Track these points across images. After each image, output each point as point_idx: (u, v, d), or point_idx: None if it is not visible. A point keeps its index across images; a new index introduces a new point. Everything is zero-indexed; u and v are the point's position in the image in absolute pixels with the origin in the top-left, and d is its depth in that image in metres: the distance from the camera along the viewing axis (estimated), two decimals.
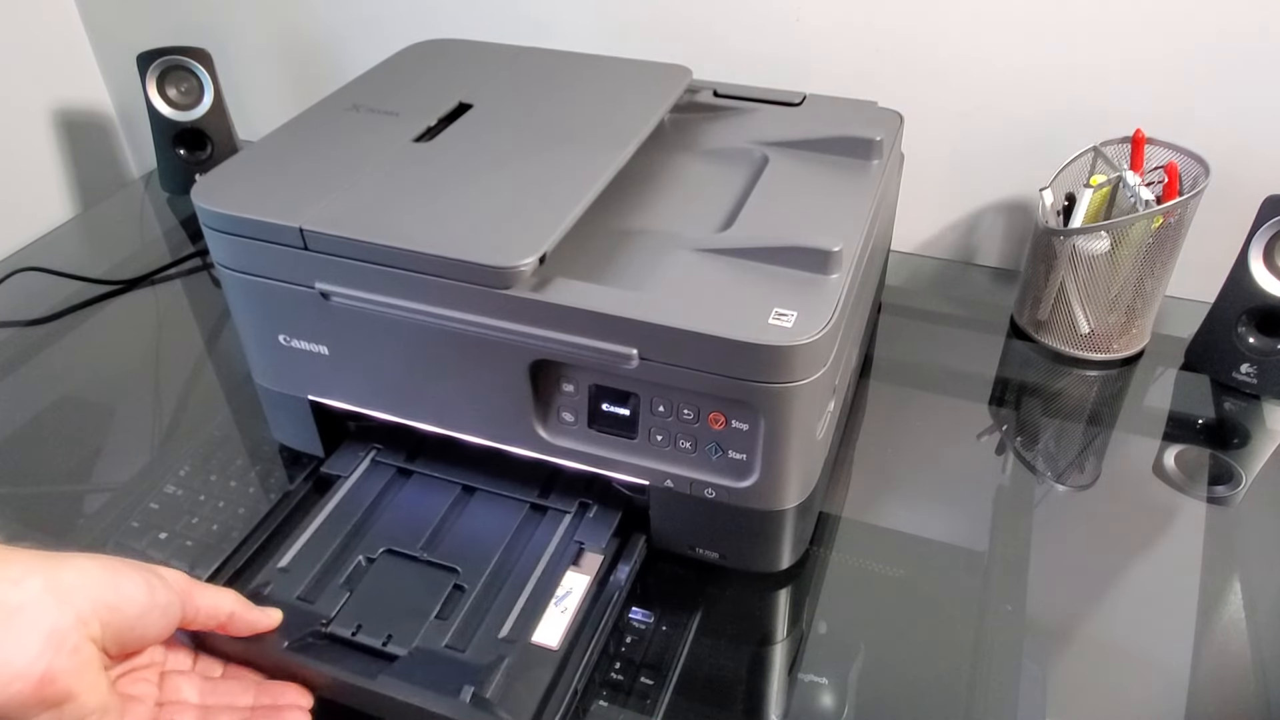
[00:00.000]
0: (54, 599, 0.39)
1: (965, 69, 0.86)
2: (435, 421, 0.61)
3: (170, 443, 0.75)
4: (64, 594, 0.40)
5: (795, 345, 0.49)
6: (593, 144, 0.61)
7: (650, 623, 0.60)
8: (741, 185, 0.65)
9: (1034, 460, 0.73)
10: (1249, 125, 0.81)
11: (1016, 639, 0.59)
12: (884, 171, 0.66)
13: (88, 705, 0.40)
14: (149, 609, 0.43)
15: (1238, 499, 0.70)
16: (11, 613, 0.38)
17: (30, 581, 0.39)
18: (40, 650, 0.38)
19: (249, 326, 0.63)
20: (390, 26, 1.03)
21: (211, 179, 0.59)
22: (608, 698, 0.55)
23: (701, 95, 0.78)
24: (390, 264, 0.53)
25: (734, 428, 0.54)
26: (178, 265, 0.96)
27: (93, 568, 0.42)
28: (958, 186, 0.93)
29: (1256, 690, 0.57)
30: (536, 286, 0.52)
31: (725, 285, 0.53)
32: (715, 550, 0.61)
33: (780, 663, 0.58)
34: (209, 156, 1.05)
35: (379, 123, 0.65)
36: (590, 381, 0.56)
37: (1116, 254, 0.75)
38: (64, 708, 0.39)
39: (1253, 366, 0.78)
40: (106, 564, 0.42)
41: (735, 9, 0.90)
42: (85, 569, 0.41)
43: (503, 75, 0.73)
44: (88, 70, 1.17)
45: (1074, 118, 0.85)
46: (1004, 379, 0.82)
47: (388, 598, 0.56)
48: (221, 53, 1.03)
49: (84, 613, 0.40)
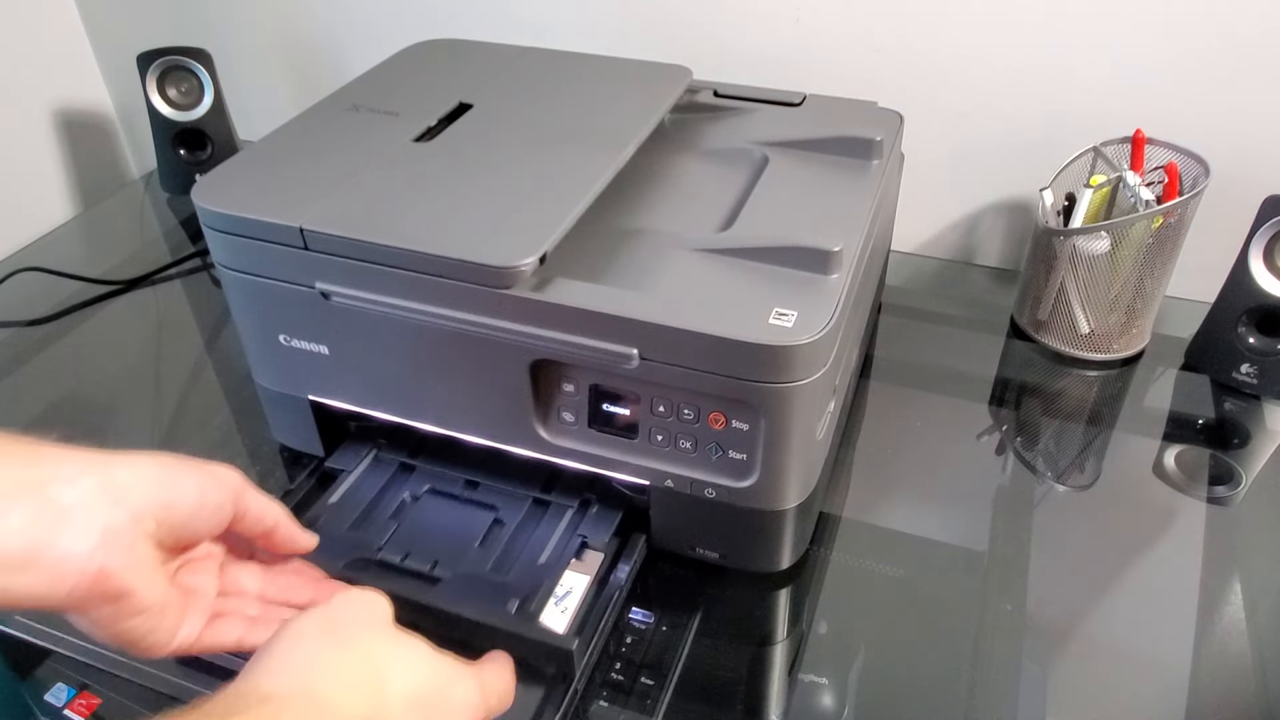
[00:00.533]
0: (108, 498, 0.40)
1: (965, 69, 0.86)
2: (435, 421, 0.61)
3: (170, 443, 0.74)
4: (118, 493, 0.40)
5: (795, 345, 0.49)
6: (593, 144, 0.61)
7: (650, 623, 0.60)
8: (742, 185, 0.65)
9: (1034, 460, 0.73)
10: (1249, 125, 0.81)
11: (1016, 639, 0.59)
12: (884, 171, 0.66)
13: (145, 600, 0.40)
14: (201, 507, 0.44)
15: (1238, 499, 0.70)
16: (67, 511, 0.38)
17: (85, 480, 0.39)
18: (95, 547, 0.38)
19: (249, 326, 0.63)
20: (390, 27, 1.03)
21: (212, 179, 0.59)
22: (608, 698, 0.55)
23: (701, 95, 0.78)
24: (391, 264, 0.53)
25: (734, 428, 0.54)
26: (178, 265, 0.96)
27: (147, 466, 0.42)
28: (958, 186, 0.93)
29: (1256, 690, 0.57)
30: (537, 286, 0.52)
31: (725, 285, 0.53)
32: (715, 550, 0.61)
33: (780, 663, 0.58)
34: (209, 157, 1.05)
35: (379, 123, 0.65)
36: (590, 381, 0.56)
37: (1116, 254, 0.75)
38: (121, 602, 0.40)
39: (1253, 366, 0.78)
40: (161, 462, 0.43)
41: (735, 9, 0.90)
42: (139, 467, 0.42)
43: (503, 75, 0.73)
44: (88, 70, 1.17)
45: (1074, 118, 0.85)
46: (1004, 379, 0.82)
47: (432, 530, 0.61)
48: (222, 53, 1.03)
49: (138, 511, 0.41)
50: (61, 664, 0.57)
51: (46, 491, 0.38)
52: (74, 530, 0.38)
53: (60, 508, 0.38)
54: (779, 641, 0.60)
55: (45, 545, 0.38)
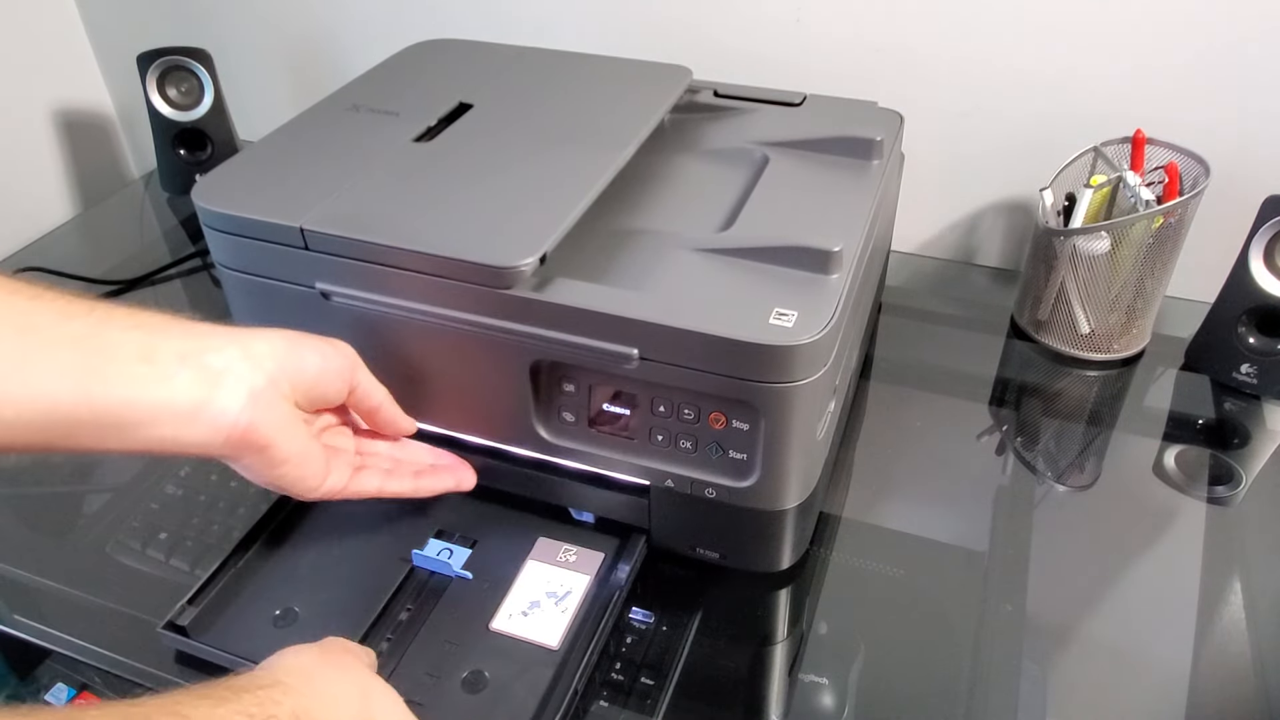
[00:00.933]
0: (249, 364, 0.47)
1: (965, 69, 0.86)
2: (435, 422, 0.61)
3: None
4: (257, 360, 0.47)
5: (795, 345, 0.49)
6: (593, 144, 0.61)
7: (650, 623, 0.60)
8: (742, 185, 0.65)
9: (1034, 460, 0.73)
10: (1249, 125, 0.81)
11: (1016, 639, 0.59)
12: (884, 171, 0.66)
13: (285, 450, 0.48)
14: (325, 371, 0.51)
15: (1238, 499, 0.70)
16: (219, 375, 0.46)
17: (230, 350, 0.47)
18: (244, 405, 0.46)
19: (249, 326, 0.62)
20: (390, 27, 1.03)
21: (212, 179, 0.59)
22: (608, 698, 0.55)
23: (702, 95, 0.78)
24: (391, 264, 0.53)
25: (734, 428, 0.54)
26: (178, 265, 0.96)
27: (278, 339, 0.49)
28: (958, 186, 0.93)
29: (1256, 690, 0.57)
30: (537, 286, 0.52)
31: (725, 285, 0.53)
32: (716, 550, 0.61)
33: (780, 663, 0.58)
34: (209, 157, 1.05)
35: (379, 123, 0.65)
36: (590, 381, 0.56)
37: (1117, 254, 0.75)
38: (266, 452, 0.47)
39: (1253, 366, 0.78)
40: (289, 336, 0.50)
41: (735, 9, 0.90)
42: (272, 340, 0.49)
43: (503, 75, 0.73)
44: (88, 70, 1.17)
45: (1074, 118, 0.85)
46: (1004, 379, 0.82)
47: None
48: (222, 53, 1.03)
49: (274, 375, 0.48)
50: (61, 664, 0.58)
51: (203, 359, 0.46)
52: (226, 390, 0.46)
53: (215, 371, 0.46)
54: (779, 641, 0.60)
55: (207, 401, 0.45)
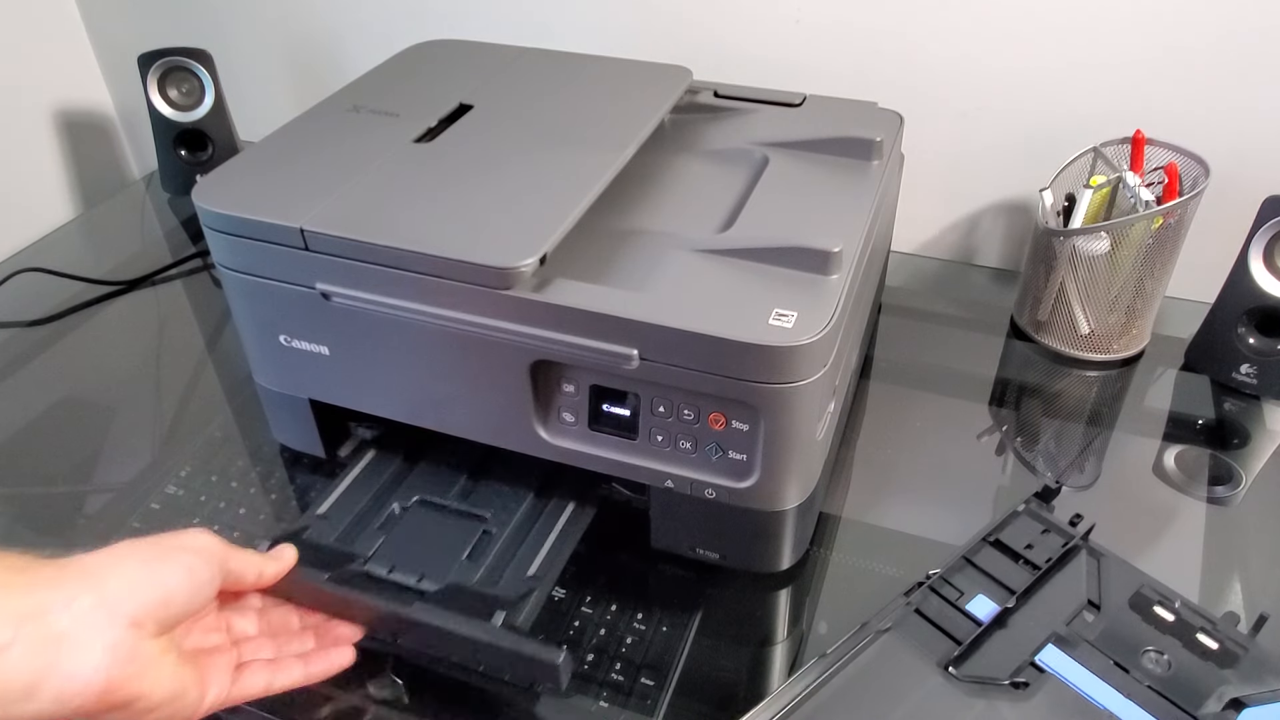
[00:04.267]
0: (104, 613, 0.41)
1: (965, 69, 0.86)
2: (435, 422, 0.61)
3: (171, 443, 0.75)
4: (114, 606, 0.41)
5: (795, 346, 0.49)
6: (593, 144, 0.61)
7: (650, 623, 0.60)
8: (742, 186, 0.65)
9: (1034, 460, 0.73)
10: (1249, 125, 0.81)
11: None
12: (884, 172, 0.66)
13: (158, 694, 0.42)
14: (194, 591, 0.45)
15: (1238, 499, 0.70)
16: (66, 635, 0.40)
17: (81, 600, 0.41)
18: (99, 664, 0.40)
19: (250, 327, 0.63)
20: (390, 27, 1.03)
21: (212, 179, 0.59)
22: (608, 698, 0.55)
23: (702, 96, 0.78)
24: (391, 264, 0.53)
25: (734, 428, 0.54)
26: (178, 266, 0.96)
27: (135, 567, 0.44)
28: (958, 186, 0.93)
29: None
30: (537, 287, 0.52)
31: (725, 286, 0.53)
32: (716, 551, 0.61)
33: (780, 663, 0.58)
34: (210, 157, 1.05)
35: (379, 123, 0.65)
36: (590, 382, 0.56)
37: (1116, 254, 0.75)
38: (134, 705, 0.41)
39: (1253, 367, 0.78)
40: (145, 560, 0.44)
41: (735, 9, 0.90)
42: (128, 570, 0.43)
43: (503, 76, 0.73)
44: (89, 71, 1.17)
45: (1074, 118, 0.85)
46: (1004, 379, 0.82)
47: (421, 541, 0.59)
48: (222, 54, 1.04)
49: (136, 615, 0.42)
50: None
51: (46, 619, 0.40)
52: (78, 652, 0.40)
53: (60, 633, 0.40)
54: (779, 641, 0.60)
55: (49, 672, 0.39)
